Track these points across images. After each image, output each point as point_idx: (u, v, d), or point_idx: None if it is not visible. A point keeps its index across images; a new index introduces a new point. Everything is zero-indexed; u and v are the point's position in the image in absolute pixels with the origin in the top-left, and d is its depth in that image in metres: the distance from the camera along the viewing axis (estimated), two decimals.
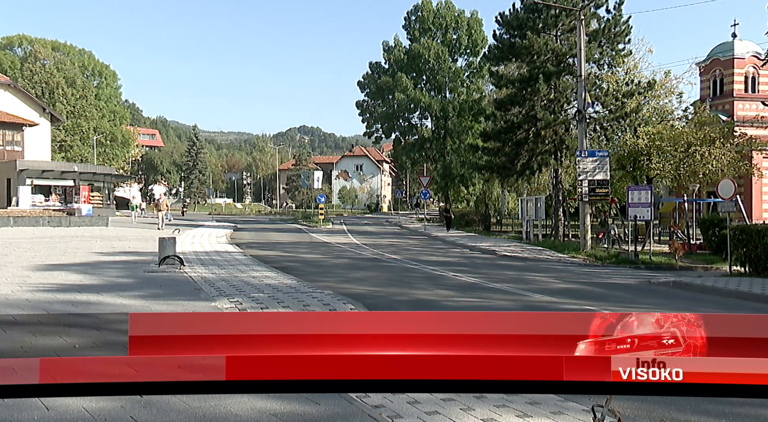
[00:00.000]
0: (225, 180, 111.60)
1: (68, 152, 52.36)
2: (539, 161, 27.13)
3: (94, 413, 4.06)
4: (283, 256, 18.86)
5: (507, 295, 11.28)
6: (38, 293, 9.34)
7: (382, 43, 50.07)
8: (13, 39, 63.63)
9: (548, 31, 27.02)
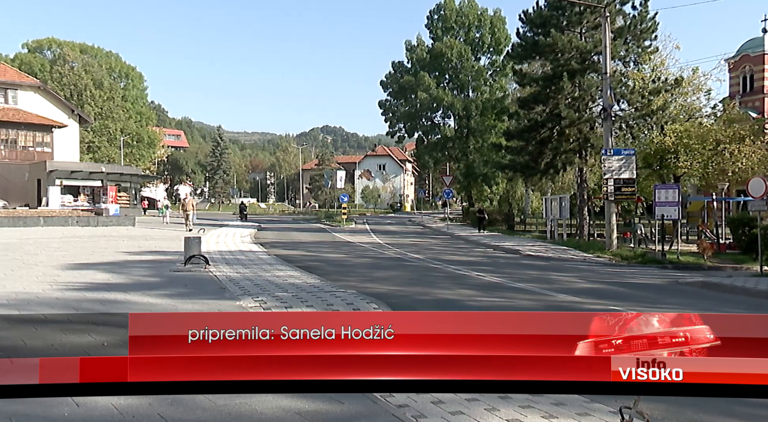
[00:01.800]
0: (249, 180, 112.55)
1: (96, 152, 53.25)
2: (563, 159, 26.86)
3: (122, 410, 4.13)
4: (307, 255, 18.95)
5: (531, 295, 11.19)
6: (67, 292, 9.52)
7: (404, 43, 50.12)
8: (42, 42, 64.89)
9: (572, 28, 26.74)
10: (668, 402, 4.62)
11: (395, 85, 49.45)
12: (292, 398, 4.39)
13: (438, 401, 4.60)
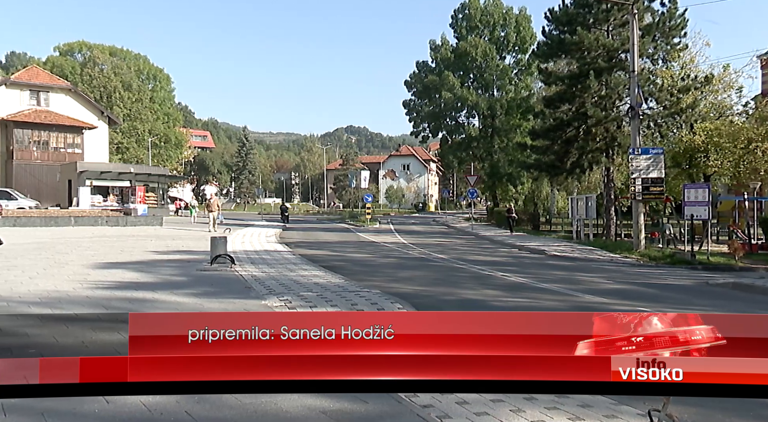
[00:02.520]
0: (274, 180, 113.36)
1: (125, 153, 54.16)
2: (590, 159, 26.56)
3: (150, 407, 4.19)
4: (331, 255, 19.03)
5: (556, 295, 11.08)
6: (97, 291, 9.69)
7: (428, 42, 49.99)
8: (73, 45, 66.19)
9: (599, 26, 26.42)
10: (697, 405, 4.54)
11: (419, 84, 49.38)
12: (317, 397, 4.41)
13: (463, 401, 4.58)
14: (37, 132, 40.49)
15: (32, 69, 46.68)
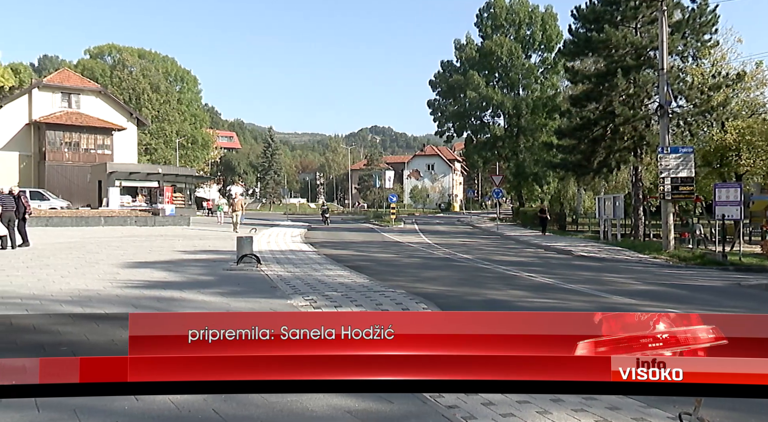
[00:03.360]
0: (299, 180, 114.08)
1: (153, 154, 55.01)
2: (617, 158, 26.21)
3: (178, 404, 4.25)
4: (356, 255, 19.07)
5: (583, 296, 10.96)
6: (126, 290, 9.85)
7: (453, 42, 49.89)
8: (103, 48, 67.46)
9: (627, 23, 26.05)
10: (729, 409, 4.45)
11: (444, 84, 49.26)
12: (342, 396, 4.43)
13: (488, 402, 4.55)
14: (68, 134, 41.35)
15: (64, 72, 47.69)
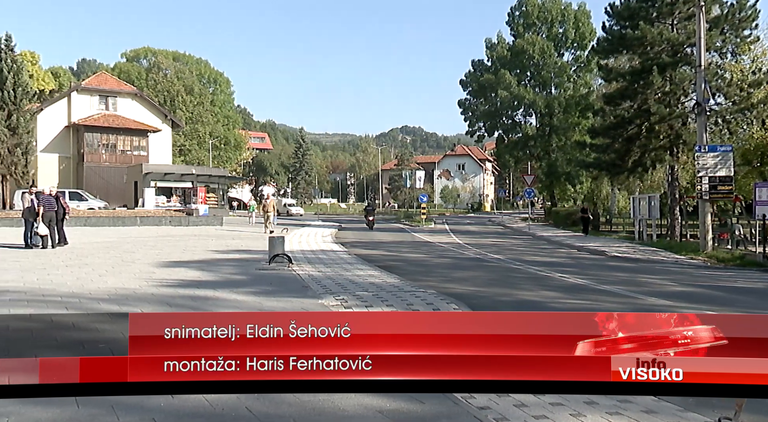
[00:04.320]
0: (330, 180, 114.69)
1: (187, 155, 55.91)
2: (653, 157, 25.71)
3: (212, 402, 4.31)
4: (386, 255, 19.09)
5: (618, 297, 10.78)
6: (162, 288, 10.03)
7: (484, 40, 49.52)
8: (139, 51, 68.85)
9: (663, 20, 25.53)
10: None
11: (475, 83, 48.95)
12: (374, 396, 4.43)
13: (520, 404, 4.51)
14: (105, 135, 42.30)
15: (101, 75, 48.83)
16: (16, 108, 36.70)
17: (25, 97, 37.80)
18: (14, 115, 36.57)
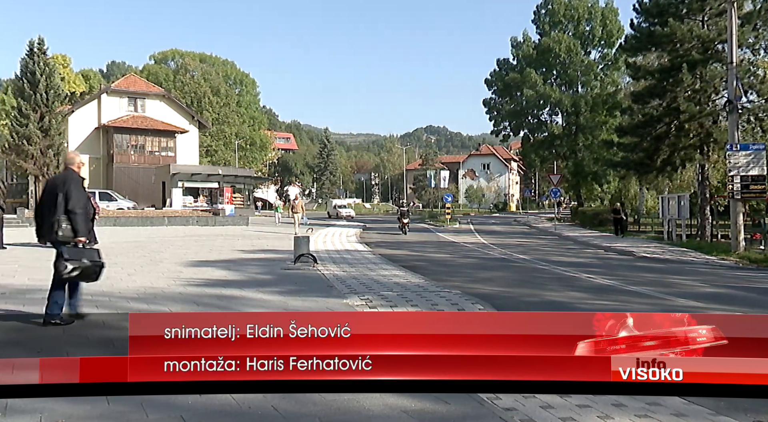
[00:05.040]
0: (354, 180, 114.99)
1: (213, 156, 56.54)
2: (682, 156, 25.27)
3: (239, 400, 4.35)
4: (411, 255, 19.06)
5: (646, 299, 10.62)
6: (189, 287, 10.16)
7: (510, 39, 49.20)
8: (167, 53, 69.88)
9: (693, 16, 25.08)
10: None
11: (500, 83, 48.65)
12: (399, 396, 4.43)
13: (547, 406, 4.47)
14: (134, 137, 43.00)
15: (130, 77, 49.64)
16: (48, 110, 37.52)
17: (56, 100, 38.65)
18: (46, 117, 37.40)
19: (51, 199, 6.57)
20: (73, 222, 6.47)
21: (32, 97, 37.01)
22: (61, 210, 6.46)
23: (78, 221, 6.49)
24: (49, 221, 6.52)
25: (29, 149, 36.70)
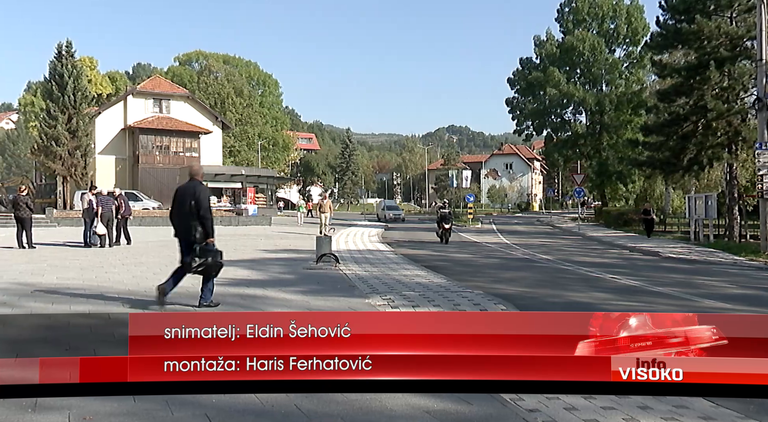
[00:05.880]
0: (376, 180, 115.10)
1: (236, 156, 57.03)
2: (709, 155, 24.84)
3: (262, 399, 4.38)
4: (433, 255, 19.03)
5: (673, 300, 10.46)
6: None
7: (533, 38, 48.84)
8: (191, 55, 70.63)
9: (721, 12, 24.65)
10: None
11: (523, 82, 48.31)
12: (422, 397, 4.42)
13: (571, 407, 4.43)
14: (159, 137, 43.56)
15: (155, 79, 50.30)
16: (76, 112, 38.21)
17: (84, 102, 39.33)
18: (74, 118, 38.11)
19: (182, 205, 7.85)
20: (204, 226, 7.73)
21: (60, 99, 37.72)
22: (195, 216, 7.67)
23: (208, 225, 7.76)
24: (185, 224, 7.79)
25: (57, 150, 37.42)
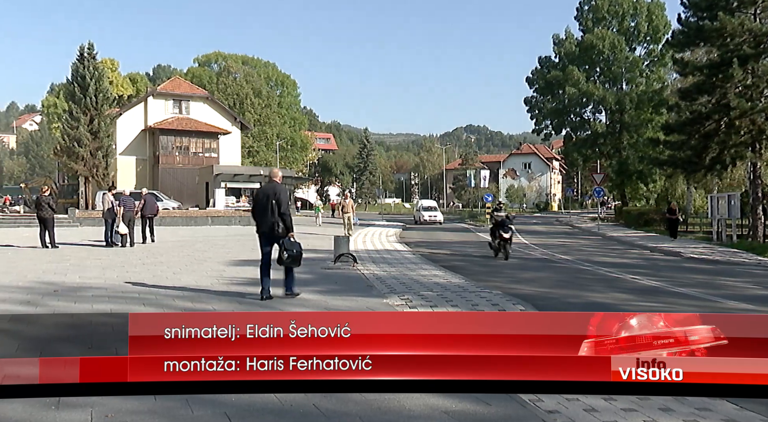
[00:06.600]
0: (393, 180, 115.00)
1: (255, 156, 57.36)
2: (732, 154, 24.47)
3: (281, 398, 4.40)
4: (451, 255, 18.98)
5: (694, 301, 10.32)
6: (232, 286, 10.34)
7: (552, 36, 48.47)
8: (210, 56, 71.14)
9: (744, 9, 24.27)
10: None
11: (542, 81, 47.96)
12: (440, 397, 4.41)
13: (590, 409, 4.39)
14: (179, 138, 43.97)
15: (175, 80, 50.78)
16: (98, 113, 38.71)
17: (105, 103, 39.83)
18: (96, 119, 38.61)
19: (264, 204, 8.78)
20: (285, 222, 8.67)
21: (82, 101, 38.24)
22: (276, 214, 8.60)
23: (288, 221, 8.72)
24: (268, 222, 8.68)
25: (80, 151, 37.94)
